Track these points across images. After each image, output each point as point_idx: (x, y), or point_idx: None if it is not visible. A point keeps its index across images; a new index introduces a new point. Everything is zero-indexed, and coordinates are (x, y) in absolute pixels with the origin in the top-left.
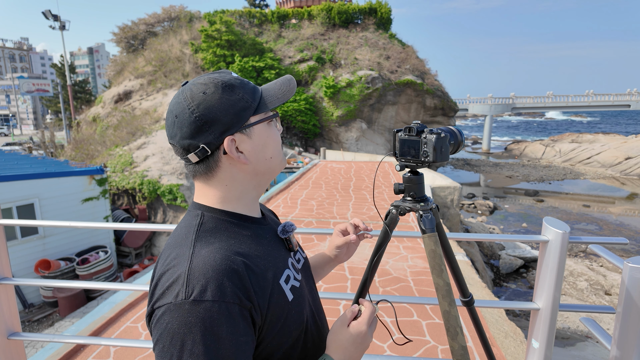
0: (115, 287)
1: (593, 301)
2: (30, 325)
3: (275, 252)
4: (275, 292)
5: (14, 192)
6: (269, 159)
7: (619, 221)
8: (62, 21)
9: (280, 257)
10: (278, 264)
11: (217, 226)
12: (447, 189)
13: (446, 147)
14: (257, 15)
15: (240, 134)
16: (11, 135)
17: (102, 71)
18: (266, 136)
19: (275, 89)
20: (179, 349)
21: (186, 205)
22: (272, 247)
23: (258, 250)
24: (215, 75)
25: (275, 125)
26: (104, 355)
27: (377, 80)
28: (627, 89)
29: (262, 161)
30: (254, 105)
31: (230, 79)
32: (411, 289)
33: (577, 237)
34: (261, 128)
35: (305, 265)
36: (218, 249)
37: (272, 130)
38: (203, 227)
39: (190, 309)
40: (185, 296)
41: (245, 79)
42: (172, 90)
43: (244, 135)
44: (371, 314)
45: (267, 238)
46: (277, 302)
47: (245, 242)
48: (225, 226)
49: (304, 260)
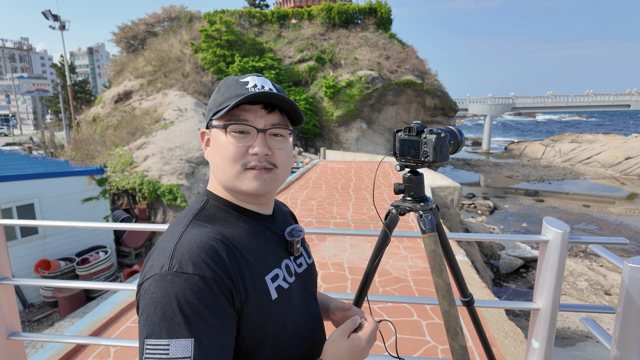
0: (115, 287)
1: (593, 301)
2: (30, 325)
3: (270, 249)
4: (258, 285)
5: (14, 192)
6: (215, 167)
7: (619, 221)
8: (62, 21)
9: (275, 255)
10: (268, 261)
11: (216, 214)
12: (447, 189)
13: (446, 147)
14: (257, 15)
15: (211, 130)
16: (11, 135)
17: (102, 71)
18: (216, 144)
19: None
20: (160, 317)
21: (186, 205)
22: (268, 244)
23: (250, 243)
24: (228, 77)
25: (234, 137)
26: (104, 355)
27: (377, 80)
28: (627, 89)
29: (213, 166)
30: (215, 109)
31: (228, 80)
32: (411, 289)
33: (577, 237)
34: (216, 132)
35: (307, 273)
36: (208, 231)
37: (221, 139)
38: (203, 212)
39: (172, 280)
40: (169, 268)
41: (240, 83)
42: (172, 90)
43: (211, 134)
44: (372, 330)
45: (266, 235)
46: (258, 295)
47: (238, 233)
48: (223, 215)
49: (307, 267)
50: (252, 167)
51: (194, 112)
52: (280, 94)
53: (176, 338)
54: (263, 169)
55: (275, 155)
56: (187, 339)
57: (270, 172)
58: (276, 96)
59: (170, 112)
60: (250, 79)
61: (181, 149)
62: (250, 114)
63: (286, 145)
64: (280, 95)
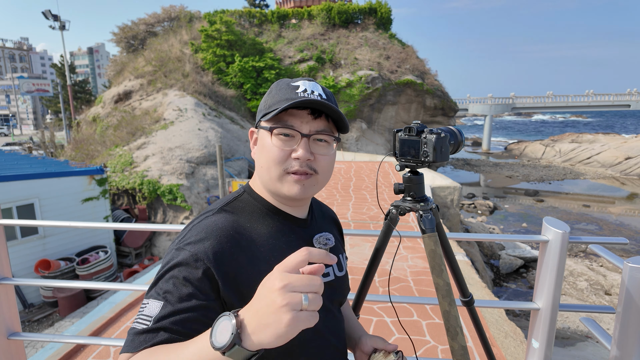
0: (115, 287)
1: (593, 301)
2: (30, 325)
3: (289, 251)
4: (257, 285)
5: (14, 192)
6: (259, 167)
7: (619, 221)
8: (62, 21)
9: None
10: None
11: (245, 207)
12: (447, 189)
13: (446, 147)
14: (257, 15)
15: (259, 130)
16: (11, 135)
17: (102, 71)
18: (262, 144)
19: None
20: (157, 278)
21: (186, 205)
22: (290, 246)
23: (268, 242)
24: (281, 79)
25: (279, 139)
26: (104, 355)
27: (377, 80)
28: (627, 89)
29: (258, 166)
30: (264, 110)
31: (280, 83)
32: (411, 289)
33: (577, 237)
34: (263, 133)
35: (332, 285)
36: (229, 222)
37: (267, 140)
38: (235, 202)
39: (175, 252)
40: (178, 242)
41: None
42: (172, 90)
43: (259, 134)
44: (300, 259)
45: (291, 238)
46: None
47: (260, 229)
48: (252, 209)
49: (335, 280)
50: (293, 171)
51: (194, 112)
52: (328, 103)
53: (153, 299)
54: (304, 174)
55: (317, 161)
56: (159, 302)
57: (310, 177)
58: (323, 104)
59: (170, 112)
60: (302, 84)
61: (181, 149)
62: (296, 119)
63: (329, 152)
64: (327, 103)
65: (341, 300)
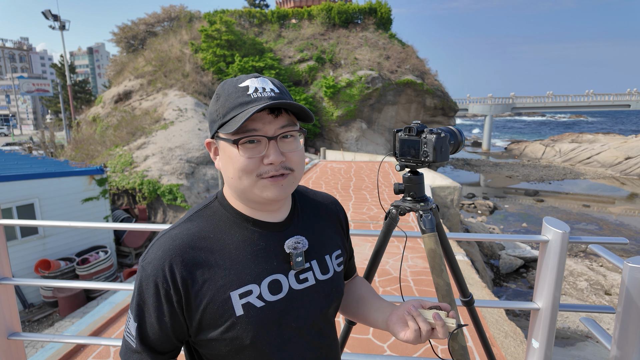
0: (115, 287)
1: (593, 301)
2: (30, 325)
3: (256, 262)
4: (218, 298)
5: (14, 192)
6: (229, 178)
7: (619, 221)
8: (62, 21)
9: (259, 268)
10: (244, 275)
11: (213, 216)
12: (447, 189)
13: (446, 147)
14: (257, 15)
15: (219, 141)
16: (11, 135)
17: (102, 71)
18: (227, 156)
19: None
20: (133, 292)
21: (186, 205)
22: (257, 256)
23: (232, 253)
24: (225, 81)
25: (246, 148)
26: (104, 355)
27: (377, 80)
28: (627, 89)
29: (227, 177)
30: (219, 121)
31: (226, 87)
32: (411, 289)
33: (577, 237)
34: (225, 145)
35: (313, 290)
36: (186, 235)
37: (232, 151)
38: (203, 211)
39: (139, 269)
40: (142, 258)
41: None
42: (172, 90)
43: (219, 144)
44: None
45: (259, 246)
46: (216, 308)
47: (225, 240)
48: (220, 218)
49: (315, 285)
50: (269, 177)
51: (194, 112)
52: (286, 100)
53: (131, 314)
54: (280, 175)
55: (289, 159)
56: (134, 321)
57: (287, 176)
58: (282, 103)
59: (170, 112)
60: (250, 83)
61: (181, 149)
62: (257, 123)
63: (298, 146)
64: (286, 101)
65: (333, 307)
